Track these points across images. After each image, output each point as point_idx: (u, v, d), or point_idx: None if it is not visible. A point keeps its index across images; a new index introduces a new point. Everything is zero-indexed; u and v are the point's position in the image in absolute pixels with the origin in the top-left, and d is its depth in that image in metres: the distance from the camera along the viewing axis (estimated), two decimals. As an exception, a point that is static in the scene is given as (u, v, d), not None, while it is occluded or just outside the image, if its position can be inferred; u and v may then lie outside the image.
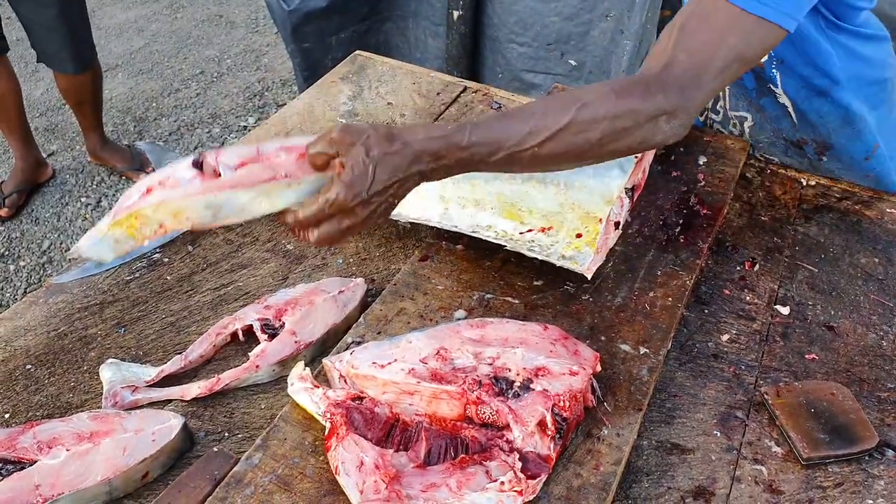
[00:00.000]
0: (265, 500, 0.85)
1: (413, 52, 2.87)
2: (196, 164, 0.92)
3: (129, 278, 1.20)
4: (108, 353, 1.09)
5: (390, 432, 0.90)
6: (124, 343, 1.11)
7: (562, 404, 0.88)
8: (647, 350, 1.03)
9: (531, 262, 1.13)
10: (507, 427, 0.88)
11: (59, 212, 3.05)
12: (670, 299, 1.11)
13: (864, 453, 0.95)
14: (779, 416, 0.98)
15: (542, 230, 1.14)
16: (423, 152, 0.94)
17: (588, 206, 1.16)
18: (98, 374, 1.04)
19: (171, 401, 1.01)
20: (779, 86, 1.31)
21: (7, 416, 1.00)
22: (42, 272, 2.80)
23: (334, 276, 1.20)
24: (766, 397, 1.00)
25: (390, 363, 0.93)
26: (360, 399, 0.92)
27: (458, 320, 1.05)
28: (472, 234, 1.16)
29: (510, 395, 0.89)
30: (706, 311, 1.15)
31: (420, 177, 0.95)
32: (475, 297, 1.11)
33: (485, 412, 0.89)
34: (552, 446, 0.87)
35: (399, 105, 1.60)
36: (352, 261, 1.24)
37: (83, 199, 3.11)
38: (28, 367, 1.06)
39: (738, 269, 1.21)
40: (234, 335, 1.10)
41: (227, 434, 0.98)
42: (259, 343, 1.07)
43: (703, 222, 1.25)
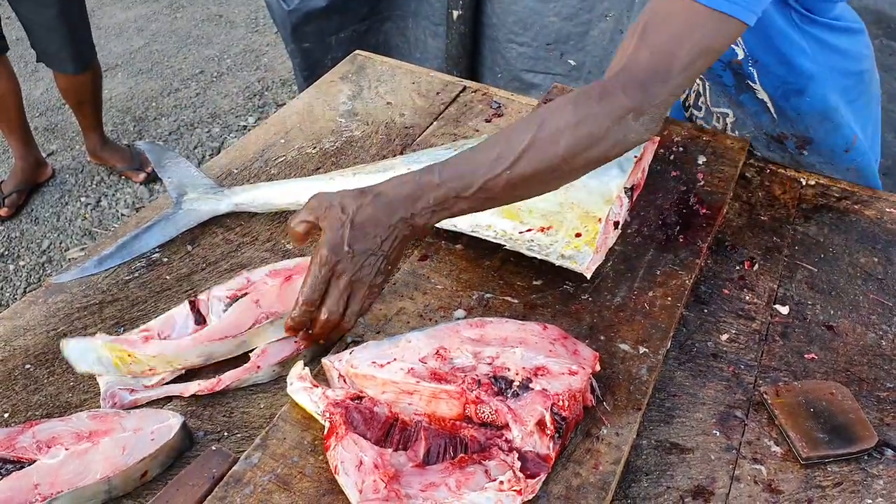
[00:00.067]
0: (264, 499, 0.85)
1: (413, 51, 2.87)
2: (192, 305, 1.07)
3: (128, 278, 1.20)
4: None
5: (389, 432, 0.90)
6: (123, 342, 1.10)
7: (561, 404, 0.88)
8: (647, 349, 1.03)
9: (530, 262, 1.13)
10: (507, 426, 0.88)
11: (58, 211, 3.05)
12: (669, 299, 1.11)
13: (864, 453, 0.95)
14: (778, 415, 0.98)
15: (542, 230, 1.14)
16: (396, 198, 0.97)
17: (587, 205, 1.16)
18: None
19: (170, 400, 1.01)
20: (757, 82, 1.31)
21: (6, 415, 1.00)
22: (42, 272, 2.80)
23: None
24: (766, 397, 1.01)
25: (389, 363, 0.93)
26: (360, 398, 0.92)
27: (458, 320, 1.05)
28: (472, 234, 1.16)
29: (509, 395, 0.89)
30: (705, 310, 1.15)
31: (405, 225, 0.98)
32: (474, 297, 1.11)
33: (484, 412, 0.89)
34: (551, 446, 0.87)
35: (398, 104, 1.60)
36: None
37: (83, 199, 3.11)
38: (27, 366, 1.06)
39: (738, 268, 1.21)
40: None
41: (226, 433, 0.98)
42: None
43: (702, 222, 1.25)
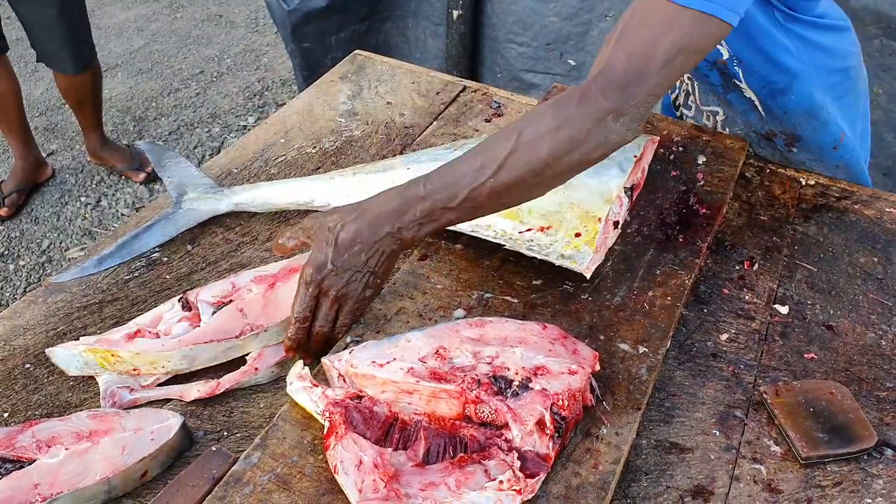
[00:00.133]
0: (264, 498, 0.85)
1: (413, 51, 2.87)
2: (181, 301, 1.08)
3: (127, 277, 1.20)
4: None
5: (389, 431, 0.90)
6: (123, 342, 1.10)
7: (560, 403, 0.88)
8: (646, 349, 1.03)
9: (530, 262, 1.13)
10: (506, 426, 0.88)
11: (58, 211, 3.05)
12: (669, 298, 1.11)
13: (863, 452, 0.95)
14: (778, 415, 0.98)
15: (541, 229, 1.14)
16: (381, 213, 0.98)
17: (587, 205, 1.16)
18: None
19: (169, 400, 1.01)
20: (743, 81, 1.31)
21: (6, 415, 1.00)
22: (42, 272, 2.80)
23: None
24: (765, 396, 1.01)
25: (389, 362, 0.93)
26: (359, 398, 0.92)
27: (457, 319, 1.05)
28: (471, 234, 1.16)
29: (509, 395, 0.89)
30: (705, 310, 1.15)
31: (393, 239, 0.99)
32: (474, 297, 1.11)
33: (483, 411, 0.89)
34: (551, 445, 0.87)
35: (398, 104, 1.60)
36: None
37: (83, 199, 3.11)
38: (27, 366, 1.06)
39: (738, 268, 1.21)
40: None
41: (225, 433, 0.98)
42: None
43: (702, 221, 1.24)
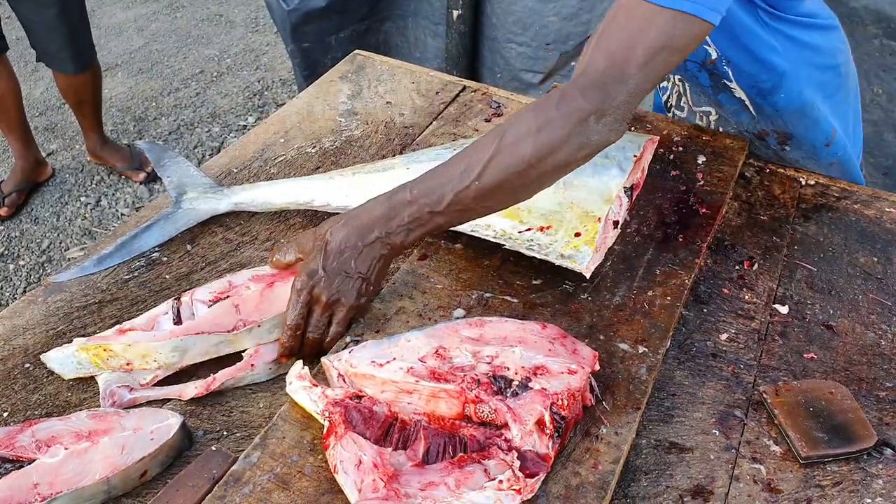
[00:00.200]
0: (263, 498, 0.85)
1: (412, 51, 2.87)
2: (174, 308, 1.06)
3: (127, 277, 1.20)
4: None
5: (389, 431, 0.90)
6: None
7: (560, 403, 0.88)
8: (646, 349, 1.03)
9: (530, 261, 1.13)
10: (506, 426, 0.88)
11: (58, 211, 3.05)
12: (669, 298, 1.11)
13: (863, 452, 0.95)
14: (777, 414, 0.98)
15: (541, 229, 1.14)
16: (370, 219, 1.00)
17: (587, 205, 1.16)
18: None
19: (169, 399, 1.01)
20: (733, 81, 1.31)
21: (6, 414, 1.00)
22: (41, 271, 2.80)
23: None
24: (765, 396, 1.01)
25: (389, 362, 0.93)
26: (359, 398, 0.92)
27: (457, 319, 1.05)
28: (471, 233, 1.16)
29: (509, 394, 0.89)
30: (705, 310, 1.15)
31: (382, 245, 1.00)
32: (474, 296, 1.11)
33: (483, 411, 0.89)
34: (550, 445, 0.87)
35: (398, 104, 1.60)
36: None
37: (83, 199, 3.11)
38: (27, 365, 1.06)
39: (737, 268, 1.21)
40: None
41: (225, 433, 0.98)
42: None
43: (701, 221, 1.25)
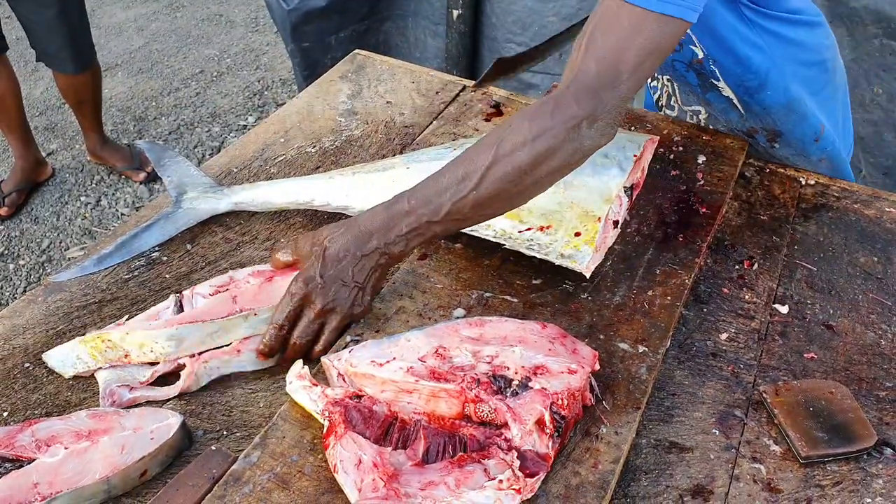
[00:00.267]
0: (263, 498, 0.85)
1: (412, 51, 2.87)
2: (176, 302, 1.07)
3: (127, 277, 1.20)
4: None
5: (388, 430, 0.90)
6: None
7: (560, 402, 0.88)
8: (646, 349, 1.03)
9: (530, 261, 1.13)
10: (506, 425, 0.88)
11: (58, 211, 3.05)
12: (669, 298, 1.11)
13: (863, 452, 0.95)
14: (777, 414, 0.98)
15: (541, 229, 1.14)
16: (369, 229, 1.01)
17: (587, 204, 1.16)
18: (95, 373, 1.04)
19: (169, 399, 1.01)
20: (720, 79, 1.32)
21: (6, 414, 1.00)
22: (41, 271, 2.80)
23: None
24: (765, 396, 1.01)
25: (389, 361, 0.93)
26: (359, 397, 0.92)
27: (457, 319, 1.05)
28: (471, 233, 1.16)
29: (508, 394, 0.89)
30: (705, 309, 1.15)
31: (380, 254, 1.01)
32: (474, 296, 1.11)
33: (483, 410, 0.89)
34: (550, 445, 0.87)
35: (398, 104, 1.60)
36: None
37: (83, 199, 3.11)
38: (27, 365, 1.06)
39: (737, 267, 1.21)
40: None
41: (225, 432, 0.98)
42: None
43: (701, 221, 1.25)
